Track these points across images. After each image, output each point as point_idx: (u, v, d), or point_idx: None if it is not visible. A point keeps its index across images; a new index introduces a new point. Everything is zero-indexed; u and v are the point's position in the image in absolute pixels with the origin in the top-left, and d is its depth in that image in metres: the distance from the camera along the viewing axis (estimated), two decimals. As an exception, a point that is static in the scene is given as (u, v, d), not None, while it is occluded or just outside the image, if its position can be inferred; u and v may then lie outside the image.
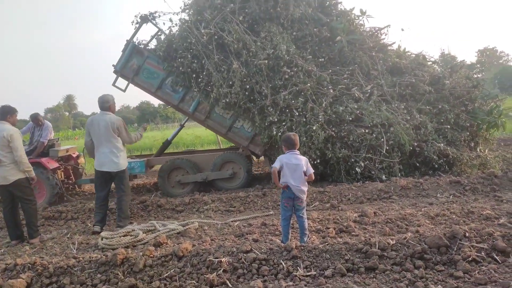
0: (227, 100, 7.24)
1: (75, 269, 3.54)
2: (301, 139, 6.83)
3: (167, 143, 9.19)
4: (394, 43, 8.85)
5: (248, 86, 7.17)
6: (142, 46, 8.08)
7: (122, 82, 8.26)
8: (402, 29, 8.83)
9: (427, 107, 7.82)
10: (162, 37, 8.05)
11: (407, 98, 7.92)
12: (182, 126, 9.50)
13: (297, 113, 7.09)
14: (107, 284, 3.30)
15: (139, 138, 6.04)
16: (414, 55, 9.05)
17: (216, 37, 7.38)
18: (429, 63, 9.02)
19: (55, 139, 8.62)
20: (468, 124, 7.92)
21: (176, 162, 7.96)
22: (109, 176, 5.60)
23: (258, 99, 7.25)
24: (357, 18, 8.53)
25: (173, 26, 8.12)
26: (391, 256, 3.31)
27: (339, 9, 8.60)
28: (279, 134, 6.94)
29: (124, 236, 4.70)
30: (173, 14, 8.35)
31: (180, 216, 6.03)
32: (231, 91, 7.13)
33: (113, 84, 8.30)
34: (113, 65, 8.11)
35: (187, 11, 8.31)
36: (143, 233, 4.73)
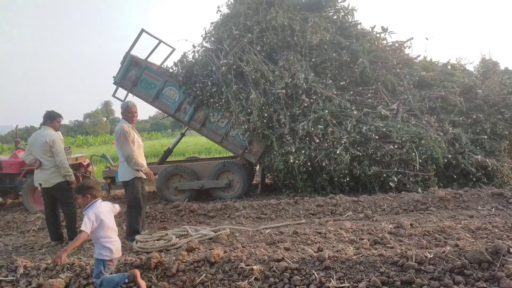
0: (246, 127, 7.31)
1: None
2: (322, 164, 6.96)
3: (168, 152, 9.49)
4: (419, 56, 8.74)
5: (266, 114, 7.22)
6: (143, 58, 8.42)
7: (121, 93, 8.61)
8: (427, 38, 8.64)
9: (461, 118, 7.60)
10: (177, 57, 8.39)
11: (438, 110, 7.74)
12: (182, 135, 9.76)
13: (317, 140, 7.04)
14: (141, 287, 3.36)
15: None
16: (441, 64, 8.82)
17: (234, 66, 7.52)
18: (458, 72, 8.74)
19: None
20: (507, 133, 7.59)
21: (174, 168, 8.19)
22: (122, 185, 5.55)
23: (277, 127, 7.27)
24: (378, 35, 8.42)
25: (196, 52, 8.45)
26: (428, 270, 3.19)
27: (359, 29, 8.52)
28: (296, 162, 6.99)
29: (158, 240, 4.79)
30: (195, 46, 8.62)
31: (212, 221, 6.07)
32: (250, 119, 7.21)
33: (113, 95, 8.64)
34: (113, 77, 8.44)
35: (207, 39, 8.64)
36: (176, 237, 4.80)
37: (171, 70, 8.32)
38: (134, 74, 8.23)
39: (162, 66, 9.07)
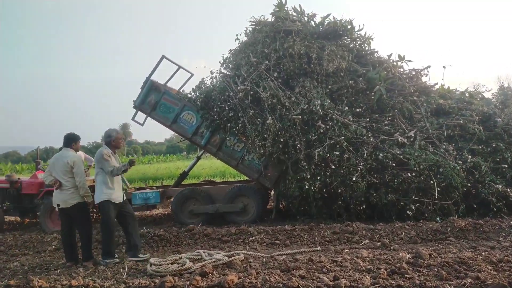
0: (261, 152, 7.35)
1: (125, 294, 3.62)
2: (337, 191, 6.93)
3: (184, 175, 9.56)
4: (436, 83, 8.70)
5: (282, 140, 7.26)
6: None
7: (140, 117, 8.73)
8: (444, 67, 8.61)
9: (480, 146, 7.48)
10: (194, 83, 8.56)
11: (456, 139, 7.63)
12: (198, 158, 9.79)
13: (333, 166, 7.03)
14: (154, 312, 3.34)
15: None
16: (459, 92, 8.77)
17: (251, 92, 7.62)
18: (477, 100, 8.66)
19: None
20: None
21: (190, 191, 8.24)
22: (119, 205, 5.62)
23: (292, 152, 7.29)
24: (395, 63, 8.47)
25: (214, 78, 8.60)
26: (449, 303, 3.08)
27: (375, 57, 8.59)
28: (312, 188, 6.97)
29: (172, 263, 4.77)
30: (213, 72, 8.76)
31: (225, 246, 6.03)
32: (265, 144, 7.26)
33: (133, 119, 8.82)
34: (133, 101, 8.61)
35: (225, 65, 8.81)
36: (189, 261, 4.78)
37: (189, 95, 8.49)
38: (154, 98, 8.39)
39: (180, 91, 9.27)
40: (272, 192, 8.79)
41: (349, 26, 8.56)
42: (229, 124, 7.75)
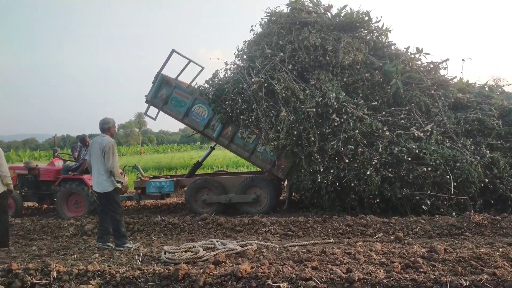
0: (275, 144, 7.33)
1: (140, 280, 3.69)
2: (350, 184, 6.91)
3: (197, 165, 9.67)
4: (455, 77, 8.48)
5: (295, 132, 7.21)
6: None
7: (152, 111, 8.84)
8: (463, 60, 8.39)
9: (499, 141, 7.30)
10: (206, 76, 8.58)
11: (474, 133, 7.47)
12: (212, 149, 9.84)
13: (347, 160, 6.97)
14: (168, 298, 3.39)
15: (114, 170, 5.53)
16: (479, 86, 8.56)
17: (265, 84, 7.58)
18: (496, 94, 8.45)
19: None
20: None
21: (203, 181, 8.32)
22: (99, 196, 5.67)
23: (306, 145, 7.24)
24: (413, 56, 8.29)
25: (228, 70, 8.59)
26: (464, 299, 3.05)
27: (392, 50, 8.42)
28: (324, 181, 6.95)
29: (185, 251, 4.82)
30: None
31: (238, 236, 6.07)
32: (279, 136, 7.23)
33: (145, 113, 8.87)
34: (145, 96, 8.66)
35: (239, 57, 8.78)
36: (203, 250, 4.82)
37: (201, 88, 8.48)
38: (165, 92, 8.45)
39: (192, 84, 9.27)
40: (285, 183, 8.80)
41: (366, 18, 8.41)
42: (242, 117, 7.74)
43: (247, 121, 7.73)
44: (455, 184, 6.62)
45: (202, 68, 9.54)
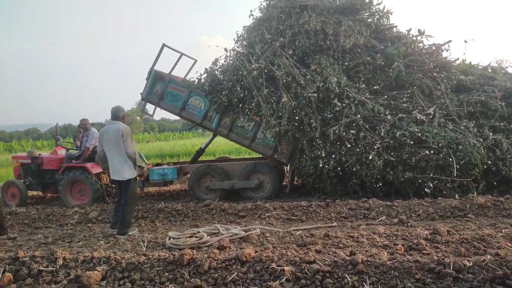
0: (277, 130, 7.30)
1: (145, 266, 3.72)
2: (352, 169, 6.92)
3: (200, 151, 9.68)
4: (457, 59, 8.40)
5: (297, 118, 7.17)
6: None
7: (150, 108, 8.85)
8: (465, 41, 8.27)
9: (502, 123, 7.26)
10: (199, 68, 8.49)
11: (477, 115, 7.42)
12: (215, 135, 9.77)
13: (349, 145, 6.95)
14: (173, 283, 3.42)
15: (135, 155, 5.55)
16: (481, 67, 8.47)
17: (266, 70, 7.50)
18: (500, 75, 8.37)
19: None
20: None
21: (206, 168, 8.33)
22: (118, 184, 5.66)
23: (307, 130, 7.20)
24: (414, 38, 8.19)
25: (228, 57, 8.45)
26: (467, 279, 3.07)
27: (394, 32, 8.31)
28: (326, 166, 6.94)
29: (190, 237, 4.86)
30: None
31: (242, 221, 6.10)
32: (281, 123, 7.19)
33: (142, 111, 8.80)
34: (140, 93, 8.60)
35: (239, 43, 8.67)
36: (207, 235, 4.86)
37: (198, 78, 8.38)
38: (160, 88, 8.39)
39: (186, 78, 9.20)
40: (288, 167, 8.80)
41: (367, 0, 8.30)
42: (241, 105, 7.69)
43: (247, 109, 7.68)
44: (457, 166, 6.61)
45: (195, 60, 9.52)
